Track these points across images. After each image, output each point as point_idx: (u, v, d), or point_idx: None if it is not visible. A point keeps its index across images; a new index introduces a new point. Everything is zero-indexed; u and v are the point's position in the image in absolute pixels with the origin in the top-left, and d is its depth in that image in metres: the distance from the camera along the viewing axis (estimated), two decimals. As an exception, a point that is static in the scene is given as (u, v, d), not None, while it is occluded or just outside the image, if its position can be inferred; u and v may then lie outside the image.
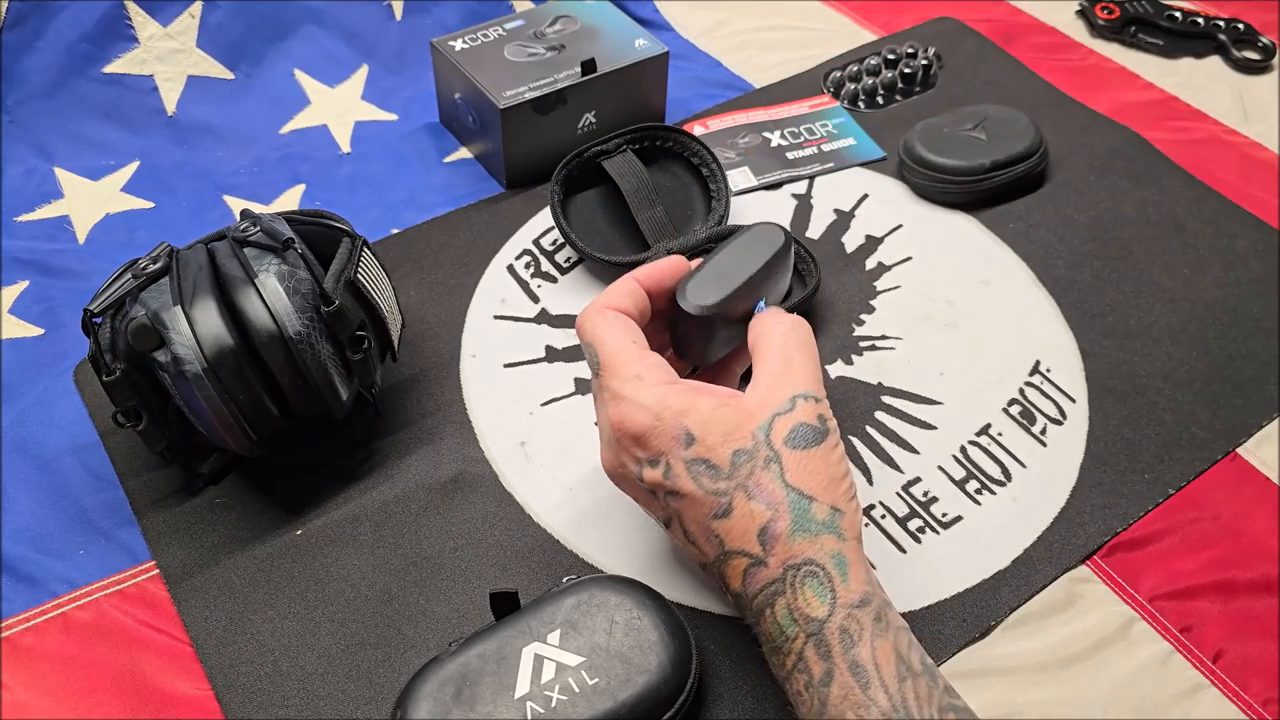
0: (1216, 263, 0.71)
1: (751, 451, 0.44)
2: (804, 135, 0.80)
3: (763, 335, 0.48)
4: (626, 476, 0.48)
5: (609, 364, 0.47)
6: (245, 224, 0.55)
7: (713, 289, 0.50)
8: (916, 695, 0.41)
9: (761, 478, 0.44)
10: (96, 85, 0.79)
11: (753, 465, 0.44)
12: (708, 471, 0.44)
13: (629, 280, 0.50)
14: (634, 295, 0.50)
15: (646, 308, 0.50)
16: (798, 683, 0.43)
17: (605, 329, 0.48)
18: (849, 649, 0.42)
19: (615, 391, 0.46)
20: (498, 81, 0.73)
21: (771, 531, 0.43)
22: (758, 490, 0.44)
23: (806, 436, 0.45)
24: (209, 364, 0.49)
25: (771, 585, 0.43)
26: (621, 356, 0.47)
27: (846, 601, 0.42)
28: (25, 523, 0.56)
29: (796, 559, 0.43)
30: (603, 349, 0.48)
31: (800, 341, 0.48)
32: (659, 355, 0.48)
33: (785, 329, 0.48)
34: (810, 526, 0.43)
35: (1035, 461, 0.59)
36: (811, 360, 0.47)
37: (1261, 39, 0.90)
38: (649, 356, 0.47)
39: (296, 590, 0.53)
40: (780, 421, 0.45)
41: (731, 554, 0.44)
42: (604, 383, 0.47)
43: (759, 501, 0.44)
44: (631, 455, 0.46)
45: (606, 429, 0.48)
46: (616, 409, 0.46)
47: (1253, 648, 0.52)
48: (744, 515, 0.44)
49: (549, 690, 0.45)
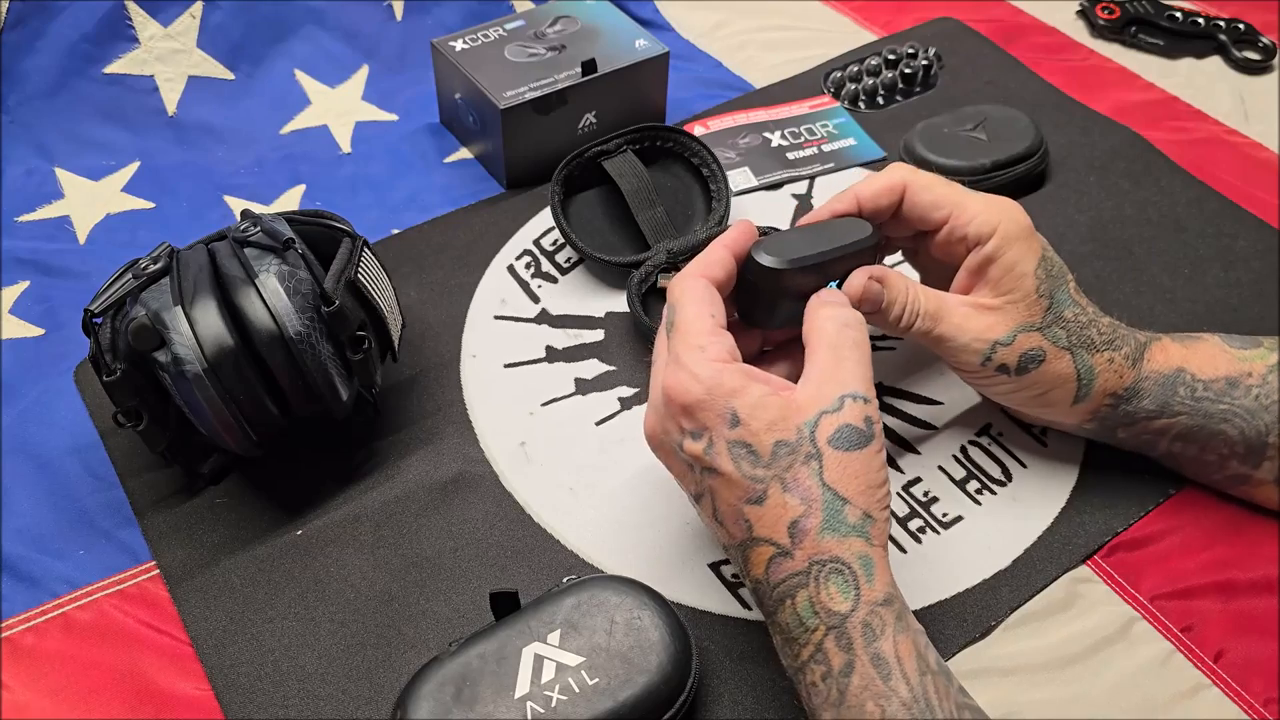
0: (1217, 263, 0.71)
1: (794, 445, 0.44)
2: (804, 135, 0.80)
3: (816, 328, 0.48)
4: (666, 445, 0.48)
5: (681, 327, 0.47)
6: (246, 224, 0.55)
7: (789, 250, 0.49)
8: (936, 690, 0.42)
9: (800, 472, 0.44)
10: (97, 85, 0.79)
11: (793, 459, 0.44)
12: (748, 456, 0.44)
13: (718, 248, 0.50)
14: (724, 263, 0.50)
15: (733, 276, 0.51)
16: (813, 674, 0.43)
17: (692, 294, 0.48)
18: (871, 642, 0.42)
19: (677, 355, 0.46)
20: (498, 82, 0.73)
21: (802, 526, 0.44)
22: (794, 484, 0.44)
23: (851, 438, 0.44)
24: (209, 364, 0.49)
25: (795, 577, 0.44)
26: (695, 324, 0.47)
27: (870, 599, 0.43)
28: (25, 523, 0.56)
29: (823, 555, 0.43)
30: (681, 313, 0.48)
31: (853, 339, 0.47)
32: (731, 335, 0.48)
33: (839, 323, 0.48)
34: (840, 528, 0.44)
35: (1036, 461, 0.59)
36: (863, 358, 0.47)
37: (1262, 39, 0.90)
38: (720, 333, 0.47)
39: (297, 590, 0.53)
40: (827, 420, 0.45)
41: (759, 540, 0.45)
42: (671, 344, 0.47)
43: (794, 495, 0.44)
44: (676, 424, 0.46)
45: (658, 393, 0.48)
46: (673, 374, 0.46)
47: (1254, 647, 0.52)
48: (777, 505, 0.44)
49: (549, 690, 0.45)
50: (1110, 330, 0.53)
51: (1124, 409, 0.54)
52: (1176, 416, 0.54)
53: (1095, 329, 0.53)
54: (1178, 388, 0.53)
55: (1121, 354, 0.53)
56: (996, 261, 0.52)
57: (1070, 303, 0.53)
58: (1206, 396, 0.53)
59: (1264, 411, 0.53)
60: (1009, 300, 0.52)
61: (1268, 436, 0.53)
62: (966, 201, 0.52)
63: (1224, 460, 0.54)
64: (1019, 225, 0.52)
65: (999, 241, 0.51)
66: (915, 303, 0.52)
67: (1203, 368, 0.54)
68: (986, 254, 0.52)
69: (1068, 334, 0.52)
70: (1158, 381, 0.54)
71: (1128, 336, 0.54)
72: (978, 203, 0.52)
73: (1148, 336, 0.55)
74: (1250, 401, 0.53)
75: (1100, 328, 0.53)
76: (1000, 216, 0.52)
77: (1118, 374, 0.53)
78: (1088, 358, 0.53)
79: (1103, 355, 0.53)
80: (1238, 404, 0.53)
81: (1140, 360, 0.54)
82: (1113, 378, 0.53)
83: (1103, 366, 0.53)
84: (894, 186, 0.53)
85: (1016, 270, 0.51)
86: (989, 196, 0.53)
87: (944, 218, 0.53)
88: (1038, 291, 0.52)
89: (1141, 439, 0.55)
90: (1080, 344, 0.52)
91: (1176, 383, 0.53)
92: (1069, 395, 0.54)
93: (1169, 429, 0.54)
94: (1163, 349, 0.54)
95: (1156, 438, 0.55)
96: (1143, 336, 0.55)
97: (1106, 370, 0.53)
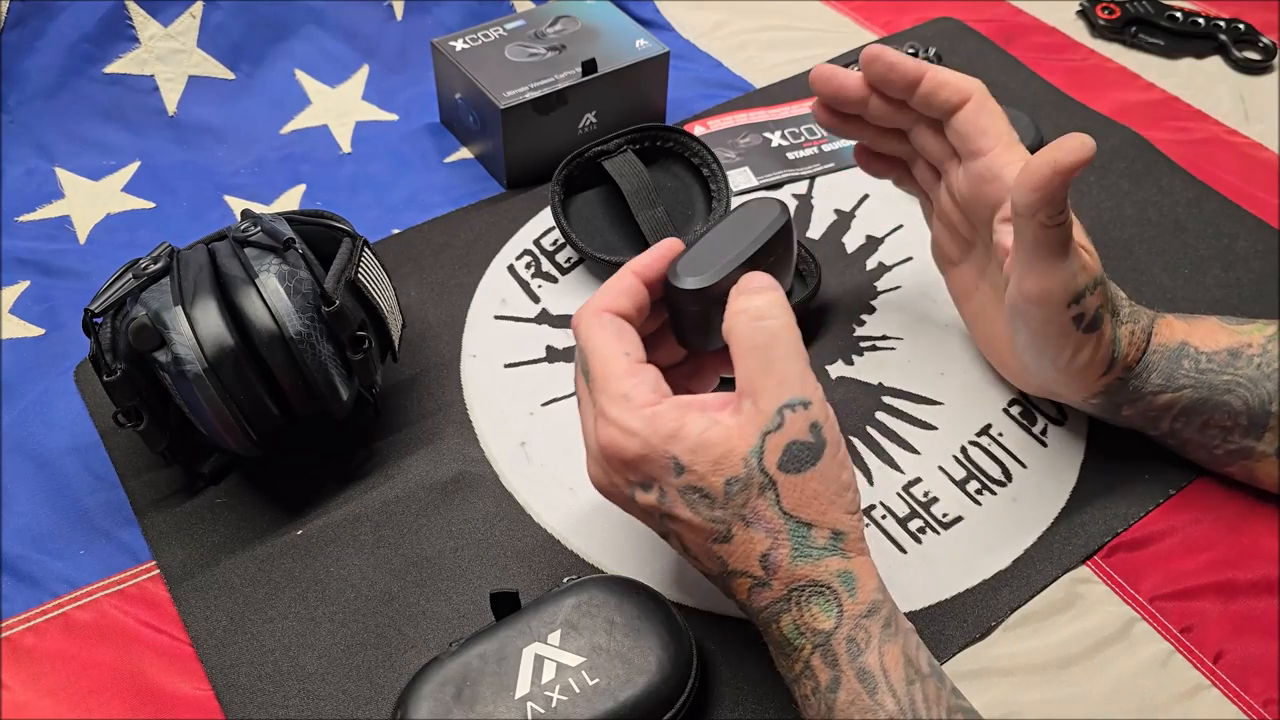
0: (1217, 263, 0.71)
1: (745, 479, 0.42)
2: (805, 135, 0.80)
3: (732, 330, 0.44)
4: (617, 496, 0.46)
5: (598, 376, 0.44)
6: (246, 224, 0.55)
7: (705, 267, 0.46)
8: (925, 697, 0.41)
9: (758, 505, 0.42)
10: (97, 85, 0.79)
11: (748, 494, 0.42)
12: (703, 500, 0.42)
13: (626, 275, 0.47)
14: (631, 292, 0.46)
15: (645, 303, 0.47)
16: (805, 688, 0.43)
17: (599, 336, 0.45)
18: (856, 657, 0.42)
19: (603, 409, 0.44)
20: (498, 81, 0.73)
21: (773, 559, 0.43)
22: (755, 518, 0.42)
23: (800, 457, 0.42)
24: (209, 364, 0.49)
25: (776, 604, 0.43)
26: (611, 369, 0.44)
27: (854, 614, 0.42)
28: (26, 523, 0.56)
29: (800, 582, 0.43)
30: (593, 359, 0.45)
31: (773, 331, 0.43)
32: (652, 367, 0.45)
33: (752, 318, 0.43)
34: (811, 554, 0.43)
35: (1036, 461, 0.59)
36: (792, 355, 0.43)
37: (1262, 39, 0.90)
38: (639, 371, 0.44)
39: (297, 590, 0.53)
40: (771, 441, 0.42)
41: (735, 573, 0.44)
42: (593, 396, 0.45)
43: (757, 529, 0.42)
44: (623, 477, 0.44)
45: (594, 448, 0.45)
46: (604, 431, 0.43)
47: (1253, 648, 0.52)
48: (744, 541, 0.43)
49: (549, 690, 0.45)
50: (1129, 304, 0.54)
51: (1133, 384, 0.54)
52: (1181, 391, 0.54)
53: (1120, 300, 0.53)
54: (1182, 360, 0.54)
55: (1140, 327, 0.53)
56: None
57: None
58: (1210, 368, 0.53)
59: (1266, 380, 0.53)
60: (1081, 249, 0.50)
61: (1270, 405, 0.53)
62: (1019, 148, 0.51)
63: (1227, 433, 0.54)
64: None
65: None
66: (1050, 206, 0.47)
67: (1205, 341, 0.54)
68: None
69: (1110, 301, 0.52)
70: (1164, 355, 0.54)
71: (1140, 312, 0.54)
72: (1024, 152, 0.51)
73: (1153, 314, 0.55)
74: (1253, 370, 0.53)
75: (1122, 300, 0.54)
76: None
77: (1136, 347, 0.53)
78: (1118, 328, 0.53)
79: (1126, 327, 0.53)
80: (1241, 374, 0.53)
81: (1150, 336, 0.54)
82: (1132, 350, 0.53)
83: (1125, 338, 0.53)
84: (964, 89, 0.51)
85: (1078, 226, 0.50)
86: None
87: (987, 148, 0.51)
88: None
89: (1147, 416, 0.55)
90: (1113, 313, 0.52)
91: (1181, 356, 0.54)
92: (1103, 365, 0.52)
93: (1174, 404, 0.54)
94: (1167, 324, 0.55)
95: (1161, 414, 0.55)
96: (1149, 313, 0.55)
97: (1128, 342, 0.53)
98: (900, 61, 0.53)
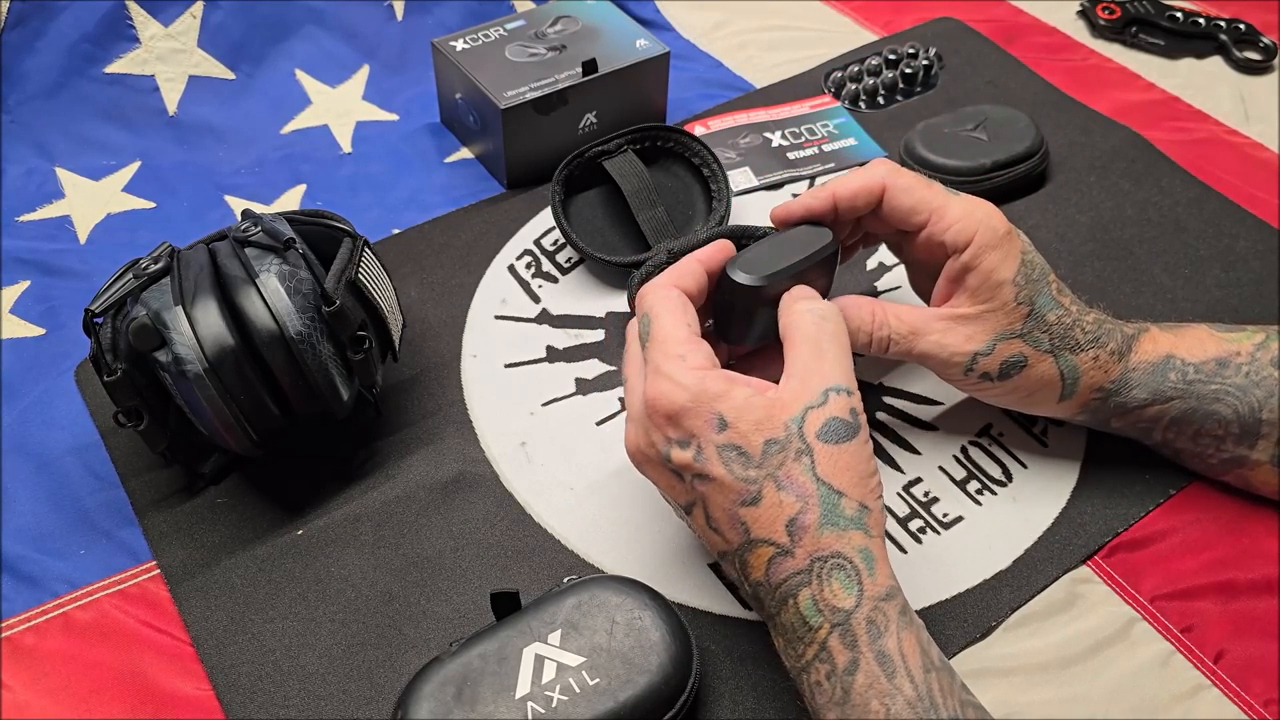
0: (1217, 263, 0.71)
1: (784, 442, 0.44)
2: (805, 135, 0.80)
3: (794, 323, 0.48)
4: (652, 458, 0.47)
5: (658, 338, 0.47)
6: (246, 224, 0.55)
7: (760, 269, 0.50)
8: (940, 687, 0.42)
9: (792, 469, 0.44)
10: (98, 85, 0.79)
11: (784, 456, 0.44)
12: (739, 458, 0.44)
13: (691, 261, 0.51)
14: (696, 276, 0.50)
15: (705, 288, 0.51)
16: (818, 673, 0.43)
17: (665, 305, 0.48)
18: (876, 639, 0.42)
19: (657, 366, 0.46)
20: (499, 81, 0.73)
21: (800, 523, 0.44)
22: (788, 481, 0.44)
23: (839, 431, 0.45)
24: (210, 364, 0.49)
25: (797, 575, 0.44)
26: (672, 334, 0.47)
27: (874, 594, 0.43)
28: (26, 523, 0.56)
29: (824, 551, 0.43)
30: (656, 323, 0.48)
31: (832, 331, 0.47)
32: (706, 344, 0.48)
33: (816, 316, 0.48)
34: (839, 521, 0.44)
35: (1036, 462, 0.59)
36: (843, 351, 0.47)
37: (1263, 39, 0.90)
38: (698, 342, 0.47)
39: (297, 590, 0.53)
40: (813, 414, 0.45)
41: (757, 542, 0.44)
42: (649, 355, 0.47)
43: (789, 492, 0.44)
44: (662, 434, 0.46)
45: (638, 406, 0.48)
46: (655, 384, 0.46)
47: (1254, 648, 0.52)
48: (773, 505, 0.44)
49: (550, 690, 0.45)
50: (1095, 327, 0.54)
51: (1114, 401, 0.54)
52: (1169, 402, 0.54)
53: (1079, 329, 0.53)
54: (1168, 373, 0.54)
55: (1107, 350, 0.53)
56: (974, 270, 0.52)
57: (1052, 305, 0.53)
58: (1198, 379, 0.53)
59: (1255, 387, 0.53)
60: (987, 309, 0.52)
61: (1260, 413, 0.53)
62: (945, 207, 0.52)
63: (1220, 442, 0.54)
64: (995, 232, 0.52)
65: (975, 250, 0.51)
66: (883, 328, 0.53)
67: (1192, 351, 0.54)
68: (964, 262, 0.52)
69: (1050, 337, 0.53)
70: (1148, 370, 0.54)
71: (1113, 331, 0.54)
72: (956, 209, 0.52)
73: (1136, 328, 0.55)
74: (1241, 379, 0.53)
75: (1084, 326, 0.53)
76: (977, 225, 0.51)
77: (1103, 370, 0.54)
78: (1071, 358, 0.53)
79: (1087, 354, 0.53)
80: (1229, 382, 0.53)
81: (1128, 353, 0.54)
82: (1098, 374, 0.54)
83: (1087, 365, 0.53)
84: (872, 188, 0.53)
85: (993, 279, 0.51)
86: (967, 200, 0.53)
87: (923, 222, 0.53)
88: (1016, 299, 0.52)
89: (1137, 428, 0.56)
90: (1063, 346, 0.53)
91: (1167, 368, 0.54)
92: (1054, 395, 0.54)
93: (1163, 415, 0.54)
94: (1151, 338, 0.55)
95: (1151, 425, 0.55)
96: (1130, 328, 0.55)
97: (1091, 368, 0.53)
98: (805, 206, 0.54)
